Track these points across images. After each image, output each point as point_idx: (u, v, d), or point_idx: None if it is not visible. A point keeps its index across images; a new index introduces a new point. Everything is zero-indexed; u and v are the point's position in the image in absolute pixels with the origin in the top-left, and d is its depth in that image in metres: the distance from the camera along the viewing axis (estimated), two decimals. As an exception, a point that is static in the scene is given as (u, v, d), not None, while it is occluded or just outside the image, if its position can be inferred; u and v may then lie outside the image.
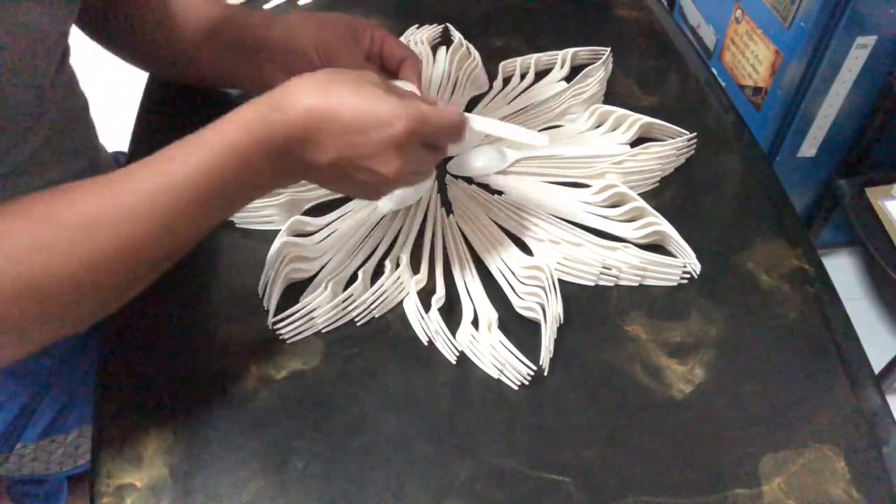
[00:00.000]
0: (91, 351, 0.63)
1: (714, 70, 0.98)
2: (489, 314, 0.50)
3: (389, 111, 0.43)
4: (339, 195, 0.58)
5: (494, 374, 0.48)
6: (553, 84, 0.69)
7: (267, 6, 0.81)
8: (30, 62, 0.46)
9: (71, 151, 0.57)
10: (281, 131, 0.42)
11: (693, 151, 0.63)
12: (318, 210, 0.58)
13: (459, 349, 0.49)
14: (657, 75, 0.72)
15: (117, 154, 0.74)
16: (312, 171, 0.44)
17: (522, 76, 0.70)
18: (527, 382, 0.47)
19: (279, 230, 0.55)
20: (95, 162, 0.61)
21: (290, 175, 0.45)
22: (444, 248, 0.55)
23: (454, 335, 0.49)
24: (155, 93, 0.70)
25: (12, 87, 0.45)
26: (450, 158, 0.62)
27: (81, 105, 0.61)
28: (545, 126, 0.65)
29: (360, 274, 0.52)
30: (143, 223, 0.39)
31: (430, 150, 0.47)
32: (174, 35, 0.59)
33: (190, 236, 0.42)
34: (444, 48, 0.73)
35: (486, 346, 0.48)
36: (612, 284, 0.53)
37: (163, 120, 0.68)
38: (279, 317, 0.49)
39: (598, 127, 0.65)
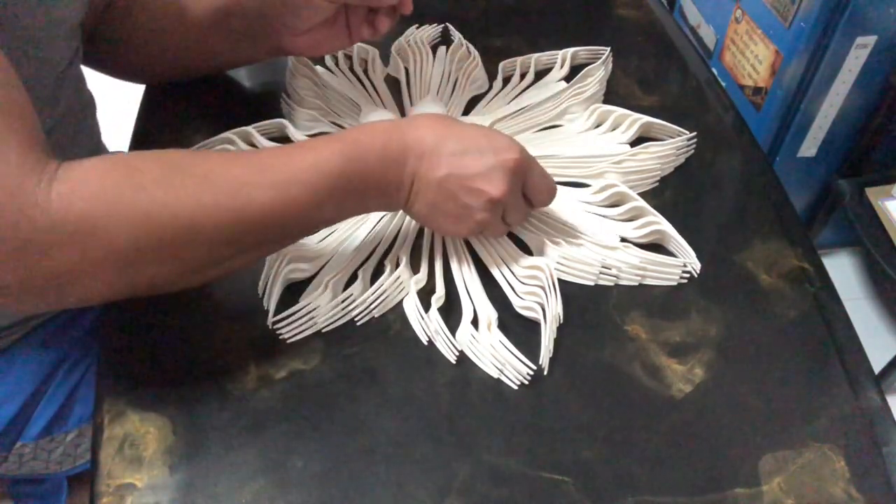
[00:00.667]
0: (92, 347, 0.63)
1: (714, 70, 0.98)
2: (489, 314, 0.50)
3: (506, 141, 0.48)
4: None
5: (494, 373, 0.48)
6: (553, 84, 0.69)
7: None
8: (50, 43, 0.47)
9: (75, 147, 0.57)
10: (404, 140, 0.46)
11: (693, 151, 0.63)
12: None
13: (459, 349, 0.49)
14: (657, 75, 0.72)
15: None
16: (421, 186, 0.47)
17: (522, 76, 0.71)
18: (526, 382, 0.47)
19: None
20: None
21: (398, 187, 0.47)
22: (444, 248, 0.55)
23: (454, 335, 0.49)
24: (155, 93, 0.70)
25: (36, 61, 0.46)
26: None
27: (88, 102, 0.61)
28: (545, 126, 0.65)
29: (360, 274, 0.52)
30: (270, 191, 0.42)
31: (524, 200, 0.50)
32: (184, 15, 0.60)
33: (300, 222, 0.45)
34: (444, 48, 0.73)
35: (486, 345, 0.48)
36: (611, 284, 0.53)
37: (163, 120, 0.68)
38: (279, 317, 0.49)
39: (597, 127, 0.65)
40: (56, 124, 0.53)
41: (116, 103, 0.98)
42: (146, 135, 0.67)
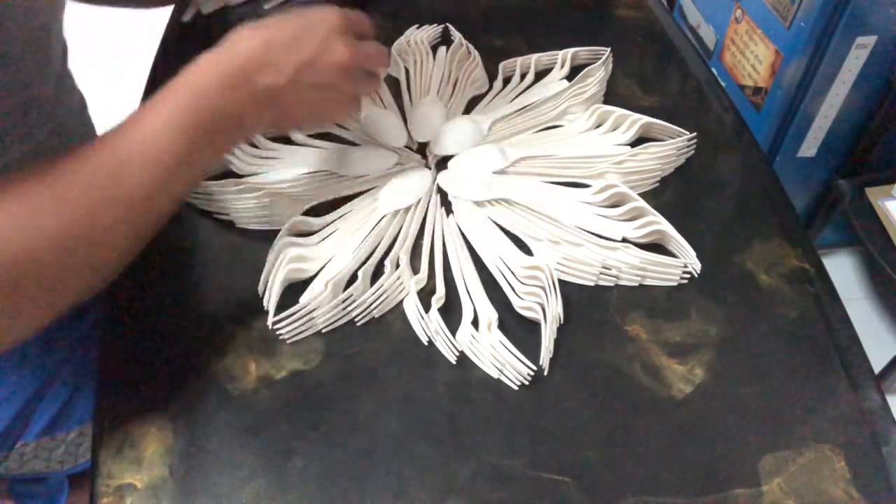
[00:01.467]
0: (93, 346, 0.63)
1: (714, 70, 0.98)
2: (489, 314, 0.50)
3: (317, 13, 0.48)
4: (336, 196, 0.58)
5: (494, 374, 0.48)
6: (553, 84, 0.69)
7: (268, 6, 0.81)
8: (45, 45, 0.47)
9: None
10: (241, 62, 0.45)
11: (693, 151, 0.63)
12: (318, 210, 0.58)
13: (459, 349, 0.49)
14: (657, 75, 0.72)
15: None
16: (275, 96, 0.46)
17: (522, 76, 0.70)
18: (526, 382, 0.47)
19: (279, 230, 0.55)
20: None
21: (255, 107, 0.46)
22: (444, 248, 0.55)
23: (454, 335, 0.49)
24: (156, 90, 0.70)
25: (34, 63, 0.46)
26: (449, 158, 0.62)
27: (80, 102, 0.61)
28: (545, 126, 0.65)
29: (360, 274, 0.52)
30: (145, 171, 0.41)
31: (368, 42, 0.51)
32: None
33: (180, 183, 0.44)
34: (444, 48, 0.73)
35: (486, 346, 0.48)
36: (612, 284, 0.53)
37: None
38: (279, 317, 0.49)
39: (598, 127, 0.65)
40: (57, 127, 0.53)
41: (113, 102, 0.98)
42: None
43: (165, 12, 0.84)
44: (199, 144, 0.43)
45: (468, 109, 0.68)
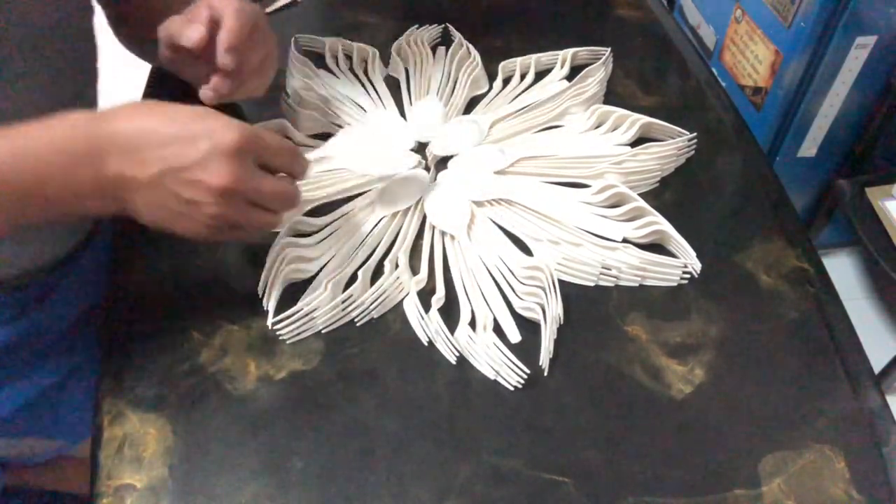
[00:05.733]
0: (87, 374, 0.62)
1: (714, 70, 0.98)
2: (487, 315, 0.50)
3: (222, 122, 0.41)
4: (335, 197, 0.58)
5: (491, 374, 0.48)
6: (553, 84, 0.69)
7: (269, 10, 0.81)
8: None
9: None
10: (101, 137, 0.40)
11: (693, 151, 0.63)
12: (318, 210, 0.58)
13: (459, 350, 0.49)
14: (657, 75, 0.72)
15: None
16: (131, 188, 0.41)
17: (522, 76, 0.70)
18: (520, 385, 0.47)
19: (279, 230, 0.55)
20: None
21: (98, 190, 0.41)
22: (444, 249, 0.55)
23: (454, 336, 0.49)
24: (156, 91, 0.70)
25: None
26: (449, 158, 0.62)
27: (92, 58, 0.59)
28: (545, 126, 0.65)
29: (359, 274, 0.52)
30: None
31: (271, 178, 0.44)
32: None
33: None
34: (443, 48, 0.73)
35: (483, 346, 0.48)
36: (611, 285, 0.53)
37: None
38: (279, 317, 0.49)
39: (598, 127, 0.65)
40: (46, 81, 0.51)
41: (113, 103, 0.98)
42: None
43: (165, 12, 0.84)
44: (21, 199, 0.39)
45: (468, 109, 0.67)
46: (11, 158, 0.38)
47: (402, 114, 0.67)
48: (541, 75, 0.71)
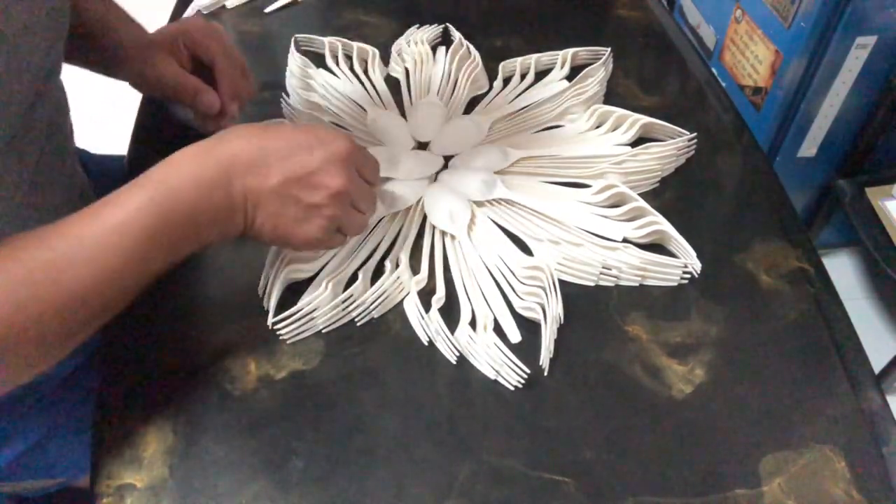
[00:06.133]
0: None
1: (714, 70, 0.98)
2: (487, 315, 0.50)
3: (330, 133, 0.46)
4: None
5: (491, 374, 0.48)
6: (553, 84, 0.69)
7: (268, 9, 0.81)
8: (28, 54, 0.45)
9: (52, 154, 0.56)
10: (224, 160, 0.43)
11: (693, 151, 0.63)
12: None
13: (460, 350, 0.49)
14: (657, 75, 0.72)
15: (104, 157, 0.73)
16: (257, 201, 0.44)
17: (522, 76, 0.71)
18: (520, 385, 0.47)
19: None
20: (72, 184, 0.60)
21: (231, 210, 0.44)
22: (444, 249, 0.55)
23: (454, 335, 0.49)
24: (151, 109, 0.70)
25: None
26: (449, 158, 0.62)
27: (68, 129, 0.60)
28: (545, 126, 0.65)
29: (360, 274, 0.52)
30: (86, 268, 0.39)
31: (366, 182, 0.49)
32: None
33: (130, 284, 0.41)
34: (443, 48, 0.73)
35: (483, 346, 0.48)
36: (612, 284, 0.53)
37: (162, 120, 0.68)
38: (279, 317, 0.49)
39: (598, 127, 0.65)
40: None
41: (113, 102, 0.97)
42: (146, 134, 0.67)
43: (165, 12, 0.84)
44: (160, 246, 0.41)
45: (468, 109, 0.68)
46: (157, 206, 0.40)
47: (403, 114, 0.67)
48: (541, 75, 0.71)
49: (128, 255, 0.40)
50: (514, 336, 0.49)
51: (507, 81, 0.70)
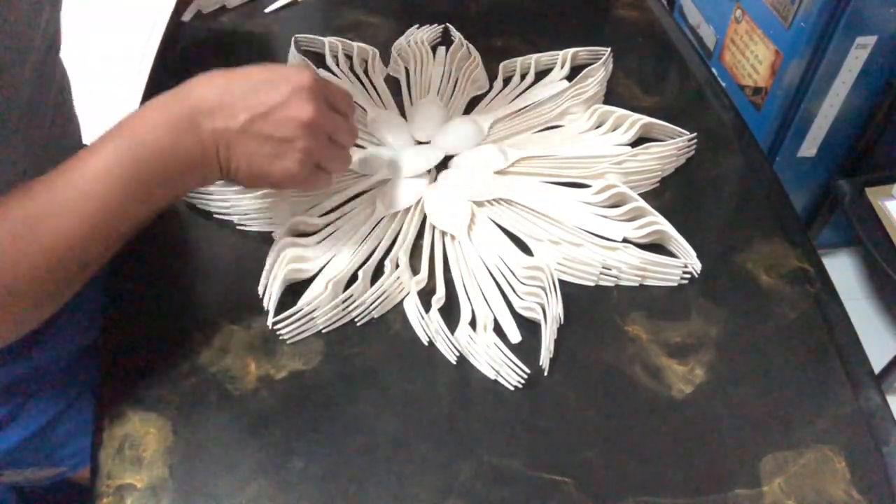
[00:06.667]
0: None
1: (714, 70, 0.98)
2: (487, 315, 0.50)
3: (292, 68, 0.46)
4: (334, 198, 0.58)
5: (491, 374, 0.48)
6: (553, 84, 0.69)
7: (269, 9, 0.81)
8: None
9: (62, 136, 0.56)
10: (189, 105, 0.43)
11: (693, 151, 0.63)
12: (318, 210, 0.58)
13: (460, 350, 0.49)
14: (657, 75, 0.72)
15: None
16: (228, 142, 0.44)
17: (522, 76, 0.71)
18: (520, 385, 0.47)
19: (276, 233, 0.55)
20: None
21: (203, 154, 0.44)
22: (444, 249, 0.55)
23: (454, 335, 0.49)
24: (157, 89, 0.70)
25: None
26: (449, 158, 0.62)
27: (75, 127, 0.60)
28: (545, 126, 0.65)
29: (360, 274, 0.52)
30: (67, 218, 0.40)
31: (336, 114, 0.48)
32: None
33: (111, 233, 0.42)
34: (443, 48, 0.73)
35: (483, 346, 0.48)
36: (612, 284, 0.53)
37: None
38: (279, 317, 0.49)
39: (598, 127, 0.65)
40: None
41: (113, 102, 0.98)
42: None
43: (166, 12, 0.84)
44: (136, 193, 0.42)
45: (468, 109, 0.67)
46: (130, 152, 0.41)
47: (403, 114, 0.67)
48: (541, 75, 0.71)
49: (106, 202, 0.41)
50: (514, 336, 0.49)
51: (507, 81, 0.70)
